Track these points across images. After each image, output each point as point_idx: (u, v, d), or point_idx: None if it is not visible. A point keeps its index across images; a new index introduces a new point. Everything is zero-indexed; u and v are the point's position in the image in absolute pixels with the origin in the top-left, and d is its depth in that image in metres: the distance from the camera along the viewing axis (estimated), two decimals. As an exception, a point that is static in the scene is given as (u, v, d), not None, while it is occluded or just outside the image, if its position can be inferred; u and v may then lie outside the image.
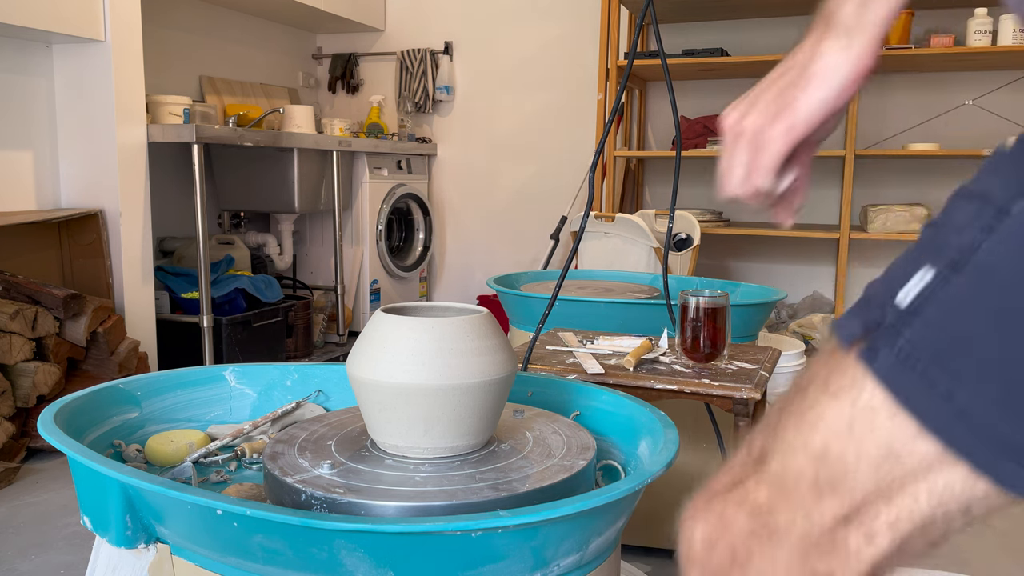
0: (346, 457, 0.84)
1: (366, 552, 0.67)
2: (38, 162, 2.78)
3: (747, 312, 1.99)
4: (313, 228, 4.03)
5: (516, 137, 4.26)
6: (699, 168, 3.96)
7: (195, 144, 2.85)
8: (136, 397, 1.04)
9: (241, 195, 3.62)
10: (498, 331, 0.87)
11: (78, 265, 2.81)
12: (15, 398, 2.27)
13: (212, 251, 3.26)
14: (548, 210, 4.06)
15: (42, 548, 1.84)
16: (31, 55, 2.72)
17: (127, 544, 0.77)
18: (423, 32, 4.35)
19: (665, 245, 1.66)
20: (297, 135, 3.41)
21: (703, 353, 1.36)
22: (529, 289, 2.34)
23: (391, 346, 0.82)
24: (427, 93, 4.29)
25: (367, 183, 3.86)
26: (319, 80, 4.59)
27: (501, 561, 0.69)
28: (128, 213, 2.81)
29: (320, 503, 0.74)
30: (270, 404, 1.13)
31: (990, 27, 3.12)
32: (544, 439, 0.92)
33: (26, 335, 2.30)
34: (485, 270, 4.28)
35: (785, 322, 3.71)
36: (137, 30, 2.80)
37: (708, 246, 3.89)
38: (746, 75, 3.81)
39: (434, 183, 4.45)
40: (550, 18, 4.12)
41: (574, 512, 0.69)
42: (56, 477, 2.25)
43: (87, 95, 2.76)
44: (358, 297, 3.97)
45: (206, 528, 0.72)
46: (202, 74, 3.78)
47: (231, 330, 3.07)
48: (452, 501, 0.74)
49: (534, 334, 1.36)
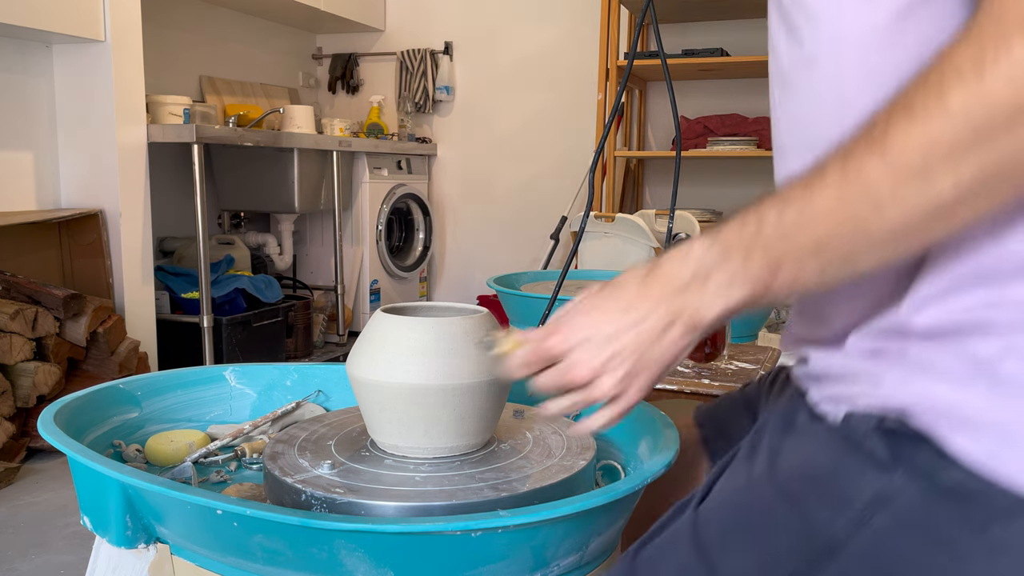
0: (346, 457, 0.84)
1: (366, 552, 0.67)
2: (38, 162, 2.78)
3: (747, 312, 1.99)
4: (313, 228, 4.03)
5: (516, 137, 4.26)
6: (699, 168, 3.96)
7: (195, 144, 2.84)
8: (136, 397, 1.04)
9: (241, 195, 3.62)
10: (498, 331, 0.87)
11: (78, 265, 2.81)
12: (15, 398, 2.27)
13: (212, 251, 3.26)
14: (548, 210, 4.05)
15: (42, 548, 1.84)
16: (31, 55, 2.72)
17: (127, 544, 0.77)
18: (423, 32, 4.35)
19: (665, 245, 1.66)
20: (297, 135, 3.41)
21: (703, 353, 1.36)
22: (529, 289, 2.33)
23: (391, 346, 0.82)
24: (427, 93, 4.29)
25: (367, 183, 3.86)
26: (319, 80, 4.59)
27: (501, 561, 0.69)
28: (128, 213, 2.81)
29: (320, 503, 0.74)
30: (270, 404, 1.13)
31: (990, 27, 3.12)
32: (544, 439, 0.92)
33: (26, 335, 2.30)
34: (485, 270, 4.27)
35: (785, 322, 3.71)
36: (137, 30, 2.80)
37: (708, 246, 3.88)
38: (746, 75, 3.81)
39: (434, 183, 4.45)
40: (550, 18, 4.12)
41: (574, 512, 0.69)
42: (56, 477, 2.25)
43: (87, 95, 2.76)
44: (358, 297, 3.97)
45: (206, 528, 0.72)
46: (202, 74, 3.78)
47: (231, 330, 3.07)
48: (452, 501, 0.74)
49: (534, 334, 1.36)
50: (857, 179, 0.52)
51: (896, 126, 0.50)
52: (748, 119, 3.75)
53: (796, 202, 0.56)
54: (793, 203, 0.56)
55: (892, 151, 0.50)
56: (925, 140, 0.49)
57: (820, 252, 0.56)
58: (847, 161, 0.53)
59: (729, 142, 3.49)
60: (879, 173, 0.51)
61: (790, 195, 0.57)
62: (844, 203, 0.53)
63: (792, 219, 0.56)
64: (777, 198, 0.58)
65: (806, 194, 0.55)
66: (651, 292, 0.64)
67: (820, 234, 0.55)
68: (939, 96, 0.48)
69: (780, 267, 0.58)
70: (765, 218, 0.58)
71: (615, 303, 0.65)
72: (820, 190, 0.55)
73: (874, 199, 0.52)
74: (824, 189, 0.54)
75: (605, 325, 0.65)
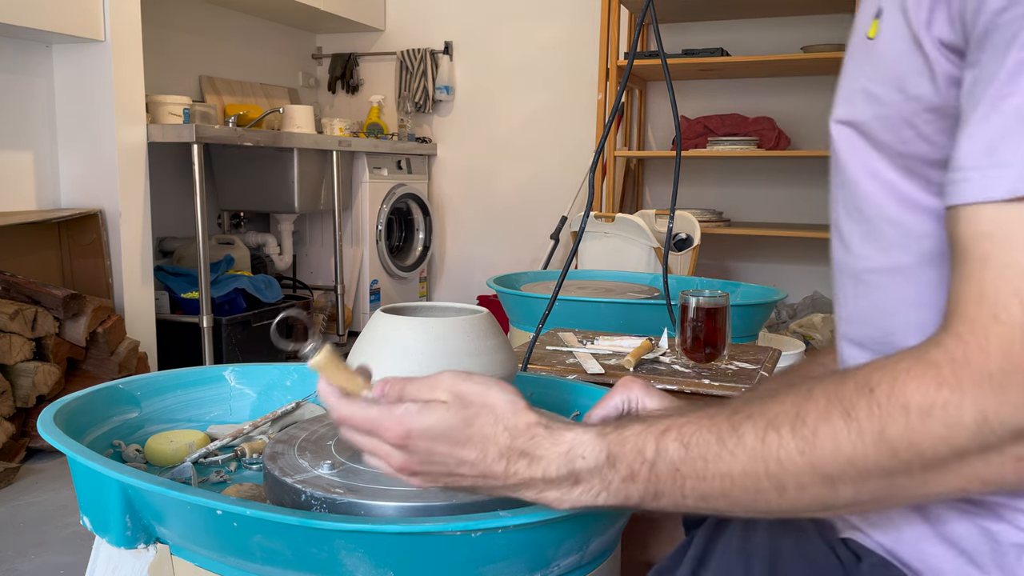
0: (346, 457, 0.84)
1: (366, 552, 0.67)
2: (38, 162, 2.78)
3: (747, 312, 1.99)
4: (313, 228, 4.03)
5: (516, 137, 4.26)
6: (699, 168, 3.96)
7: (195, 144, 2.84)
8: (136, 397, 1.04)
9: (241, 195, 3.62)
10: (498, 331, 0.86)
11: (78, 265, 2.81)
12: (15, 398, 2.27)
13: (212, 251, 3.26)
14: (548, 210, 4.05)
15: (42, 548, 1.84)
16: (31, 55, 2.72)
17: (127, 544, 0.77)
18: (423, 32, 4.35)
19: (665, 245, 1.66)
20: (297, 135, 3.41)
21: (703, 353, 1.36)
22: (529, 289, 2.33)
23: (391, 346, 0.82)
24: (427, 93, 4.29)
25: (367, 183, 3.86)
26: (319, 80, 4.59)
27: (501, 561, 0.69)
28: (128, 213, 2.81)
29: (320, 503, 0.74)
30: (270, 404, 1.12)
31: (990, 27, 3.11)
32: (544, 439, 0.91)
33: (26, 335, 2.30)
34: (485, 270, 4.27)
35: (785, 322, 3.71)
36: (137, 30, 2.80)
37: (708, 246, 3.89)
38: (746, 75, 3.81)
39: (434, 183, 4.45)
40: (550, 18, 4.12)
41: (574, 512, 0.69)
42: (56, 477, 2.25)
43: (87, 95, 2.76)
44: (358, 297, 3.97)
45: (206, 528, 0.72)
46: (202, 74, 3.78)
47: (231, 330, 3.07)
48: (452, 501, 0.74)
49: (534, 334, 1.36)
50: (773, 460, 0.53)
51: (828, 429, 0.52)
52: (748, 119, 3.75)
53: (703, 451, 0.55)
54: (699, 449, 0.55)
55: (816, 452, 0.52)
56: (850, 456, 0.51)
57: (703, 500, 0.56)
58: (767, 436, 0.53)
59: (729, 142, 3.49)
60: (795, 465, 0.52)
61: (699, 439, 0.56)
62: (748, 476, 0.54)
63: (692, 469, 0.56)
64: (686, 428, 0.57)
65: (715, 449, 0.55)
66: (514, 466, 0.60)
67: (711, 491, 0.55)
68: (882, 422, 0.50)
69: (658, 498, 0.57)
70: (665, 450, 0.56)
71: (470, 448, 0.60)
72: (732, 452, 0.54)
73: (781, 485, 0.53)
74: (736, 454, 0.54)
75: (452, 459, 0.61)
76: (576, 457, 0.59)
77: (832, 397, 0.52)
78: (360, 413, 0.63)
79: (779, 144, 3.62)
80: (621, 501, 0.58)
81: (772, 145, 3.59)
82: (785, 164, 3.86)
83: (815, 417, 0.52)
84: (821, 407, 0.52)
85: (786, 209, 3.89)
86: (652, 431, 0.57)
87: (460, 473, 0.61)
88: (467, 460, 0.60)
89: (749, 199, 3.94)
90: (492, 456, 0.60)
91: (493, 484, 0.61)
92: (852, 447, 0.50)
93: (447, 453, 0.61)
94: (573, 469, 0.59)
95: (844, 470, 0.51)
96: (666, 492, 0.57)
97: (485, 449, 0.60)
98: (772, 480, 0.53)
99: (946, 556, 0.57)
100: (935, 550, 0.58)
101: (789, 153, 3.43)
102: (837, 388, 0.52)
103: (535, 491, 0.60)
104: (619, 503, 0.59)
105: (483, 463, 0.60)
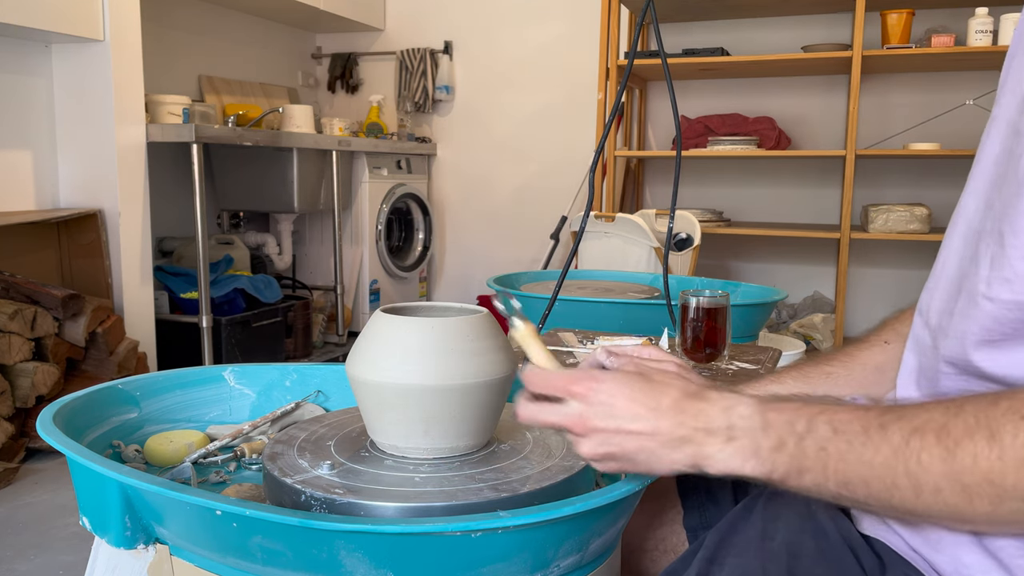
0: (346, 458, 0.84)
1: (366, 553, 0.66)
2: (37, 162, 2.77)
3: (747, 312, 1.99)
4: (312, 228, 4.03)
5: (516, 137, 4.26)
6: (699, 168, 3.96)
7: (194, 144, 2.84)
8: (135, 397, 1.04)
9: (240, 195, 3.62)
10: (498, 331, 0.86)
11: (77, 265, 2.81)
12: (14, 398, 2.27)
13: (211, 251, 3.26)
14: (548, 210, 4.05)
15: (42, 548, 1.84)
16: (30, 55, 2.72)
17: (126, 545, 0.77)
18: (423, 32, 4.35)
19: (665, 245, 1.66)
20: (296, 135, 3.41)
21: (704, 353, 1.36)
22: (529, 289, 2.33)
23: (391, 346, 0.82)
24: (427, 93, 4.29)
25: (367, 183, 3.86)
26: (318, 80, 4.59)
27: (501, 562, 0.69)
28: (127, 213, 2.81)
29: (320, 504, 0.74)
30: (269, 404, 1.12)
31: (991, 27, 3.11)
32: (544, 439, 0.91)
33: (25, 335, 2.30)
34: (485, 270, 4.27)
35: (786, 322, 3.71)
36: (136, 30, 2.80)
37: (708, 246, 3.89)
38: (746, 75, 3.81)
39: (434, 183, 4.45)
40: (550, 18, 4.12)
41: (574, 513, 0.68)
42: (55, 477, 2.25)
43: (86, 95, 2.76)
44: (358, 297, 3.97)
45: (205, 529, 0.72)
46: (201, 74, 3.77)
47: (230, 330, 3.07)
48: (452, 502, 0.74)
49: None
50: (915, 462, 0.55)
51: (971, 445, 0.53)
52: (748, 119, 3.74)
53: (849, 437, 0.58)
54: (846, 435, 0.58)
55: (956, 461, 0.53)
56: (987, 473, 0.52)
57: (843, 486, 0.58)
58: (911, 439, 0.55)
59: (729, 142, 3.49)
60: (936, 471, 0.54)
61: (848, 427, 0.59)
62: (889, 470, 0.56)
63: (837, 450, 0.58)
64: (838, 415, 0.60)
65: (861, 438, 0.57)
66: (683, 415, 0.64)
67: (852, 476, 0.58)
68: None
69: (802, 475, 0.60)
70: (816, 429, 0.60)
71: (648, 400, 0.66)
72: (876, 445, 0.57)
73: (918, 485, 0.55)
74: (880, 447, 0.57)
75: (628, 412, 0.66)
76: (735, 414, 0.63)
77: (981, 416, 0.54)
78: (557, 372, 0.70)
79: (779, 144, 3.62)
80: (767, 472, 0.61)
81: (772, 145, 3.59)
82: (785, 164, 3.86)
83: (961, 431, 0.54)
84: (970, 424, 0.54)
85: (786, 209, 3.89)
86: (806, 410, 0.61)
87: (630, 430, 0.65)
88: (641, 415, 0.65)
89: (749, 199, 3.94)
90: (665, 406, 0.65)
91: (659, 442, 0.64)
92: (990, 465, 0.52)
93: (625, 408, 0.65)
94: (731, 423, 0.62)
95: (981, 485, 0.53)
96: (810, 469, 0.59)
97: (659, 401, 0.65)
98: (911, 479, 0.55)
99: (980, 566, 0.58)
100: (971, 559, 0.59)
101: (789, 153, 3.43)
102: (988, 409, 0.54)
103: (694, 445, 0.63)
104: (765, 474, 0.61)
105: (654, 416, 0.64)
